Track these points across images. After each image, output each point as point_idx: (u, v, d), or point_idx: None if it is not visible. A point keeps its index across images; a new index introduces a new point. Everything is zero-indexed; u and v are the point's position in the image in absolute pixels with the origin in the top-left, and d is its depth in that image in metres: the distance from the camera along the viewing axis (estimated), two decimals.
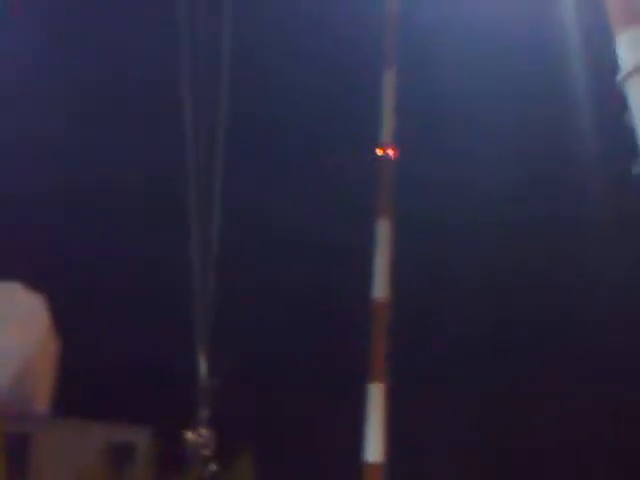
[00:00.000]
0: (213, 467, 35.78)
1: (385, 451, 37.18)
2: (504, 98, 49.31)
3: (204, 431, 35.77)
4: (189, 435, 35.77)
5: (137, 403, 40.77)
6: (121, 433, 38.37)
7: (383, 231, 39.07)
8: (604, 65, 25.88)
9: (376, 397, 37.05)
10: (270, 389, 47.96)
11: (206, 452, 35.56)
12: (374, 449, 36.92)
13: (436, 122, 50.13)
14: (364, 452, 37.16)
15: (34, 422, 38.89)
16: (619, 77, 24.06)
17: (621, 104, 24.04)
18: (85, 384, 42.73)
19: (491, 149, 50.08)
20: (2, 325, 40.65)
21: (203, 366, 36.63)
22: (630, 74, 23.76)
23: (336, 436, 41.08)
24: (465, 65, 50.11)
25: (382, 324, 37.85)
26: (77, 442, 36.81)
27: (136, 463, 35.93)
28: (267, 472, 37.67)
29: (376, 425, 36.68)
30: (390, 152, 40.34)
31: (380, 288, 38.23)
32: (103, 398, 41.60)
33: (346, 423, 38.37)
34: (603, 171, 46.01)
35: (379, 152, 40.44)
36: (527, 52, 49.96)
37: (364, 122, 43.67)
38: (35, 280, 42.89)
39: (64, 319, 44.84)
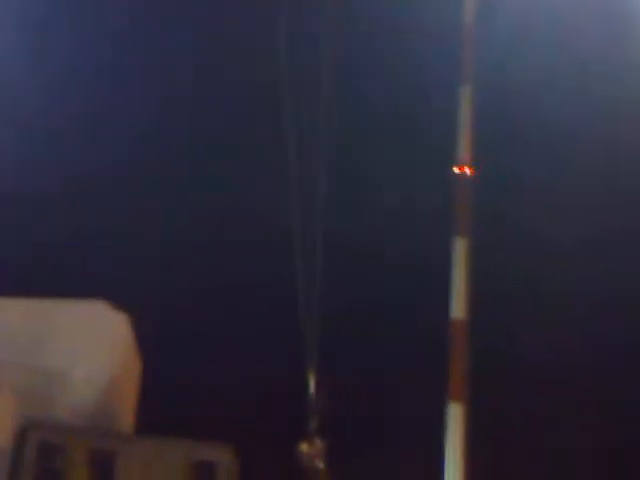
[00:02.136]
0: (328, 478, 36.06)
1: (465, 472, 36.98)
2: (592, 122, 48.01)
3: (318, 442, 36.08)
4: (304, 446, 36.06)
5: (217, 421, 41.35)
6: (202, 451, 38.83)
7: (460, 250, 38.85)
8: None
9: (456, 417, 36.83)
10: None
11: (320, 463, 35.87)
12: (454, 469, 36.78)
13: (514, 145, 49.56)
14: (444, 470, 37.01)
15: (118, 439, 39.59)
16: None
17: None
18: (166, 402, 43.46)
19: (577, 178, 49.01)
20: (87, 344, 41.50)
21: (312, 378, 36.85)
22: None
23: (416, 458, 41.04)
24: (547, 83, 49.23)
25: (461, 344, 37.59)
26: (159, 460, 37.41)
27: None
28: None
29: (456, 447, 36.49)
30: (467, 171, 40.10)
31: (458, 308, 37.99)
32: (184, 416, 42.24)
33: (426, 444, 38.30)
34: None
35: (456, 170, 40.27)
36: (621, 70, 48.33)
37: (440, 140, 43.44)
38: (120, 299, 43.79)
39: (146, 336, 45.76)
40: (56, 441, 35.86)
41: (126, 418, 45.71)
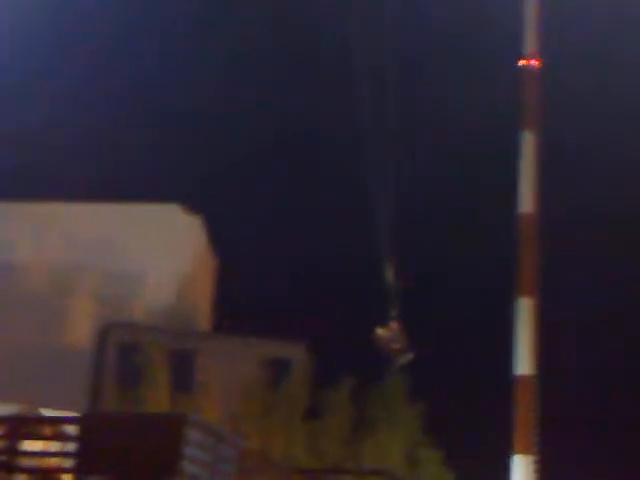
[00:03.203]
0: (409, 356, 36.75)
1: None
2: None
3: (395, 326, 36.80)
4: (380, 330, 36.83)
5: (293, 319, 41.99)
6: (277, 348, 39.52)
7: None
8: None
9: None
10: None
11: (396, 345, 36.60)
12: None
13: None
14: None
15: (196, 338, 40.46)
16: None
17: None
18: (241, 302, 44.11)
19: None
20: (161, 245, 42.20)
21: (389, 265, 37.47)
22: None
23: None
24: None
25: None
26: (236, 357, 38.17)
27: (292, 378, 36.95)
28: None
29: None
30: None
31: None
32: (261, 314, 42.87)
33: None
34: None
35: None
36: None
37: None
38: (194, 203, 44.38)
39: (222, 239, 46.42)
40: (136, 341, 36.67)
41: (203, 317, 46.76)
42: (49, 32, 51.13)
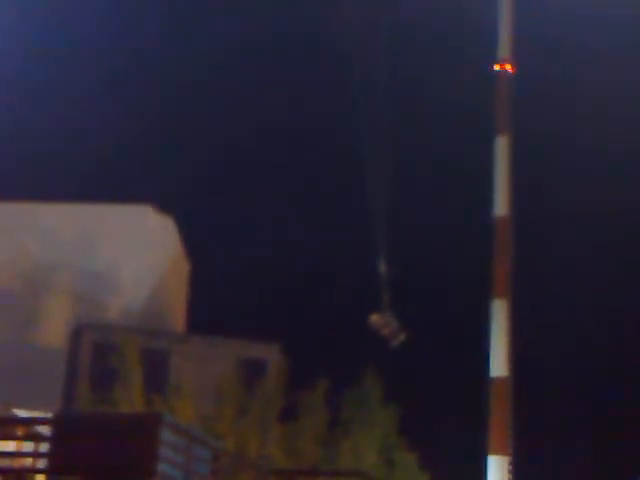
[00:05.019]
0: (401, 338, 37.38)
1: None
2: None
3: (387, 313, 37.54)
4: (375, 317, 37.59)
5: (268, 319, 41.98)
6: (252, 349, 39.45)
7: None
8: None
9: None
10: None
11: (388, 330, 37.26)
12: None
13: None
14: None
15: (170, 339, 40.33)
16: None
17: None
18: (215, 303, 44.06)
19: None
20: (134, 246, 42.09)
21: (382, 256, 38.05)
22: None
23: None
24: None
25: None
26: (210, 358, 38.08)
27: (267, 379, 36.87)
28: None
29: None
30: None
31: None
32: (232, 316, 42.84)
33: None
34: None
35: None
36: None
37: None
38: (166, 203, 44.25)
39: (194, 240, 46.30)
40: (110, 341, 36.49)
41: (177, 318, 46.62)
42: (26, 28, 50.86)
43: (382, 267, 37.59)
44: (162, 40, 57.47)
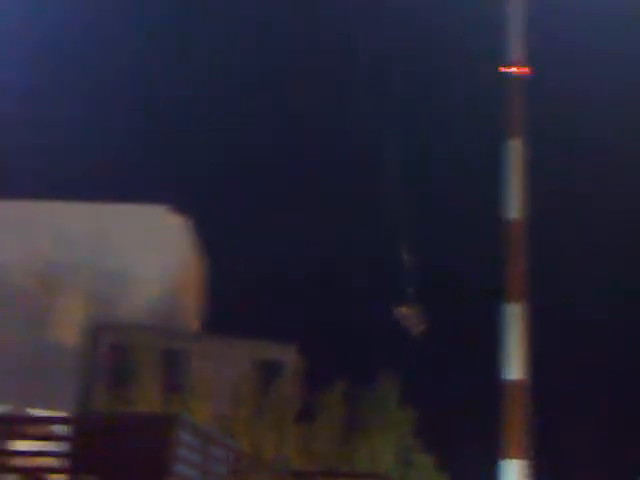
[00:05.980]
0: (422, 327, 37.63)
1: None
2: None
3: (415, 306, 38.32)
4: (402, 308, 38.40)
5: (282, 320, 41.76)
6: (269, 350, 39.30)
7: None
8: None
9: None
10: None
11: (411, 321, 37.98)
12: None
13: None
14: None
15: (187, 338, 40.22)
16: None
17: None
18: (230, 303, 43.85)
19: None
20: (149, 246, 41.99)
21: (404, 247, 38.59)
22: None
23: None
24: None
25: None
26: (227, 358, 37.93)
27: (283, 380, 36.71)
28: None
29: None
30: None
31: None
32: (248, 316, 42.63)
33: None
34: None
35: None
36: None
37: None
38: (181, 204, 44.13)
39: (209, 240, 46.18)
40: (127, 341, 36.36)
41: (193, 317, 46.50)
42: (31, 26, 50.87)
43: (407, 260, 38.14)
44: (176, 37, 57.46)
